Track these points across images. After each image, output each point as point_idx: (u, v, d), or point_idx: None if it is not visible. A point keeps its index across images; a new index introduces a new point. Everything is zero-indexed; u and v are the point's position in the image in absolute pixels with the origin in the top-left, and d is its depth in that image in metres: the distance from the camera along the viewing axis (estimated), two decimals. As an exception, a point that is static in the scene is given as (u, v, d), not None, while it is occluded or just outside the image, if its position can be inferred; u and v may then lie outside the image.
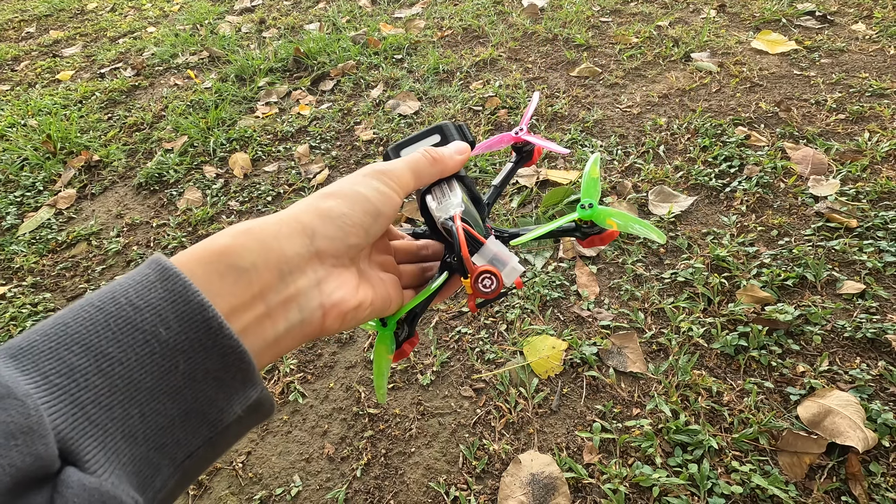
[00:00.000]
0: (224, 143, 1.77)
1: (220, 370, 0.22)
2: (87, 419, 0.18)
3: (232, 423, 0.23)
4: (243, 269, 0.24)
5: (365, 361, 1.05)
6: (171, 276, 0.22)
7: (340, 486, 0.87)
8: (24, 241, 1.51)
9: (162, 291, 0.21)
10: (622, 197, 1.28)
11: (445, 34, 2.18)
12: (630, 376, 0.94)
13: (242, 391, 0.23)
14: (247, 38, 2.53)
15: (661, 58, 1.77)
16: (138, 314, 0.20)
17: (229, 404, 0.23)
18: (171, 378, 0.21)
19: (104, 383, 0.19)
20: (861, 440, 0.77)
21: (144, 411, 0.20)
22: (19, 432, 0.16)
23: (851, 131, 1.33)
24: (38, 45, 2.94)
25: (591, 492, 0.80)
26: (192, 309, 0.21)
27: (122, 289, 0.21)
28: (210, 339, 0.21)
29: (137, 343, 0.20)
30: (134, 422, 0.20)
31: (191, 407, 0.21)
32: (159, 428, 0.20)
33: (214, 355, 0.22)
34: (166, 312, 0.21)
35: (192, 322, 0.21)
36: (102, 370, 0.19)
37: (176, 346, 0.21)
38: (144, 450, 0.20)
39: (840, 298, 0.98)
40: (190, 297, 0.21)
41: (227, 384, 0.22)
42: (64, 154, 1.85)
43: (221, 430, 0.23)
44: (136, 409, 0.20)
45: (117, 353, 0.20)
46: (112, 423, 0.19)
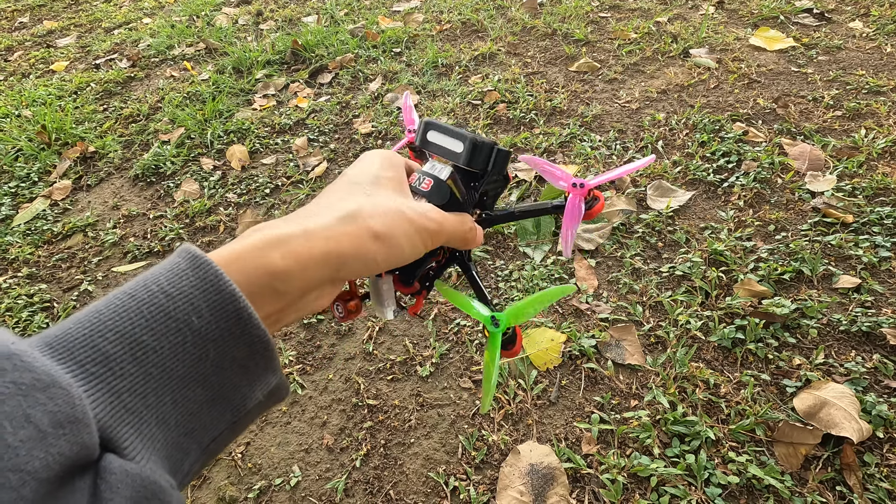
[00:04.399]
0: (221, 135, 1.76)
1: (247, 358, 0.22)
2: (124, 407, 0.19)
3: (253, 407, 0.24)
4: (281, 293, 0.25)
5: (364, 353, 1.05)
6: (203, 264, 0.22)
7: (340, 477, 0.87)
8: (19, 232, 1.50)
9: (194, 280, 0.21)
10: (621, 192, 1.29)
11: (444, 28, 2.17)
12: (628, 368, 0.94)
13: (265, 378, 0.24)
14: (244, 30, 2.51)
15: (659, 53, 1.78)
16: (171, 302, 0.21)
17: (252, 390, 0.23)
18: (201, 366, 0.21)
19: (139, 371, 0.19)
20: (856, 431, 0.78)
21: (176, 398, 0.20)
22: (66, 421, 0.17)
23: (848, 128, 1.34)
24: (31, 35, 2.91)
25: (590, 482, 0.81)
26: (224, 299, 0.21)
27: (153, 277, 0.21)
28: (239, 328, 0.22)
29: (171, 331, 0.20)
30: (166, 408, 0.20)
31: (217, 393, 0.22)
32: (189, 414, 0.21)
33: (242, 344, 0.22)
34: (198, 301, 0.21)
35: (223, 312, 0.21)
36: (137, 358, 0.19)
37: (207, 334, 0.21)
38: (176, 435, 0.21)
39: (836, 292, 0.99)
40: (222, 286, 0.22)
41: (252, 371, 0.23)
42: (59, 145, 1.83)
43: (244, 414, 0.23)
44: (169, 397, 0.20)
45: (151, 341, 0.20)
46: (147, 411, 0.19)
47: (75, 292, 1.30)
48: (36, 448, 0.16)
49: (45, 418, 0.16)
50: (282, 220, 0.27)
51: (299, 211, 0.28)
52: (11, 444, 0.15)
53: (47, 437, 0.16)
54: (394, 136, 1.63)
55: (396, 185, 0.31)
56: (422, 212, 0.30)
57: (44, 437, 0.16)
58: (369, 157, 0.33)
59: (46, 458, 0.16)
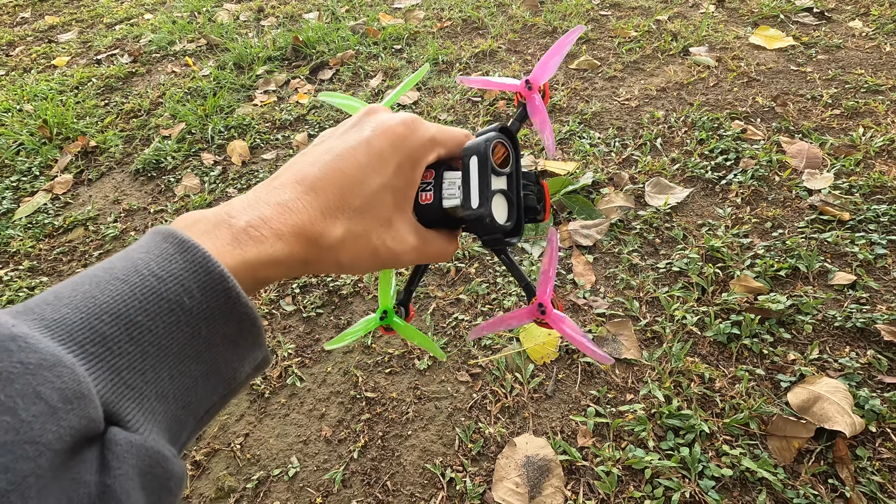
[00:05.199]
0: (222, 130, 1.77)
1: (236, 334, 0.23)
2: (124, 383, 0.20)
3: (242, 379, 0.25)
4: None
5: (362, 347, 1.06)
6: (191, 248, 0.23)
7: (338, 468, 0.88)
8: (20, 226, 1.51)
9: (183, 263, 0.22)
10: (619, 188, 1.29)
11: (445, 25, 2.18)
12: (624, 363, 0.95)
13: (252, 352, 0.25)
14: (245, 27, 2.51)
15: (659, 52, 1.78)
16: (162, 285, 0.21)
17: (241, 364, 0.24)
18: (194, 342, 0.22)
19: (136, 350, 0.20)
20: (849, 425, 0.79)
21: (173, 373, 0.21)
22: (74, 397, 0.17)
23: (846, 126, 1.35)
24: (33, 30, 2.91)
25: (585, 474, 0.82)
26: (214, 279, 0.22)
27: (143, 261, 0.22)
28: (228, 306, 0.23)
29: (163, 312, 0.21)
30: (164, 384, 0.21)
31: (210, 368, 0.23)
32: (185, 388, 0.22)
33: (232, 321, 0.23)
34: (189, 283, 0.22)
35: (213, 292, 0.22)
36: (133, 338, 0.20)
37: (199, 313, 0.22)
38: (174, 408, 0.22)
39: (831, 289, 1.00)
40: (210, 268, 0.22)
41: (241, 346, 0.24)
42: (60, 139, 1.84)
43: (234, 386, 0.25)
44: (166, 372, 0.21)
45: (146, 321, 0.21)
46: (146, 386, 0.20)
47: (76, 285, 1.31)
48: (48, 422, 0.17)
49: (55, 395, 0.17)
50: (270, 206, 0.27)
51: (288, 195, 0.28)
52: (25, 419, 0.16)
53: (58, 412, 0.17)
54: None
55: (396, 200, 0.30)
56: (396, 251, 0.30)
57: (54, 411, 0.17)
58: (395, 147, 0.30)
59: (58, 431, 0.17)
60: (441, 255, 0.34)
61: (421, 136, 0.31)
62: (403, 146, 0.30)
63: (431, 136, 0.31)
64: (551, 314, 0.34)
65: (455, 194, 0.32)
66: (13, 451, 0.16)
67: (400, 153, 0.30)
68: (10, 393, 0.16)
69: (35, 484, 0.16)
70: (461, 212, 0.32)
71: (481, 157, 0.32)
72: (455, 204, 0.32)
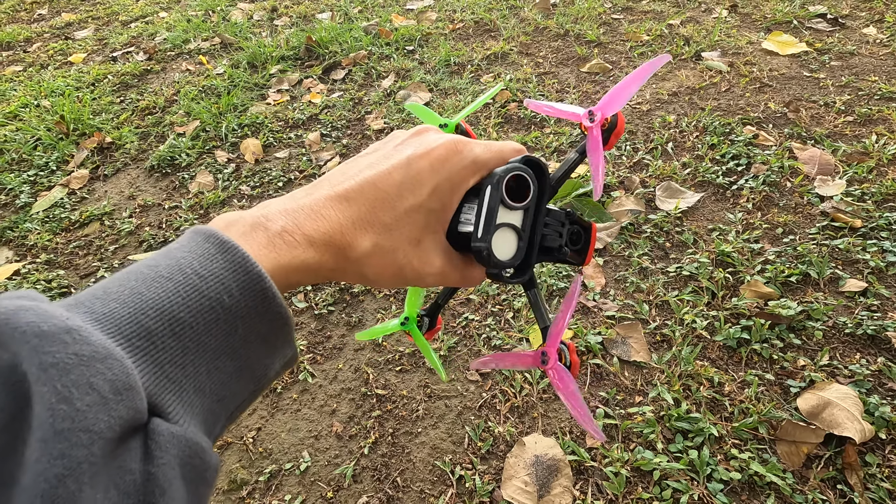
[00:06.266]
0: (236, 128, 1.79)
1: (269, 333, 0.25)
2: (166, 376, 0.21)
3: (272, 375, 0.26)
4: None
5: (373, 344, 1.07)
6: (231, 248, 0.24)
7: (348, 463, 0.89)
8: (37, 220, 1.54)
9: (223, 262, 0.23)
10: (630, 192, 1.30)
11: (457, 27, 2.19)
12: (633, 365, 0.96)
13: (283, 350, 0.26)
14: (259, 26, 2.54)
15: (671, 56, 1.78)
16: (204, 283, 0.23)
17: (272, 361, 0.26)
18: (231, 339, 0.23)
19: (178, 345, 0.21)
20: (858, 432, 0.79)
21: (210, 369, 0.22)
22: (123, 388, 0.19)
23: (859, 133, 1.34)
24: (50, 27, 2.95)
25: (593, 474, 0.82)
26: (252, 279, 0.24)
27: (186, 260, 0.23)
28: (265, 306, 0.24)
29: (205, 309, 0.22)
30: (202, 378, 0.22)
31: (244, 364, 0.24)
32: (220, 383, 0.23)
33: (266, 320, 0.24)
34: (229, 282, 0.23)
35: (251, 291, 0.23)
36: (176, 333, 0.21)
37: (237, 311, 0.23)
38: (210, 402, 0.23)
39: (842, 296, 1.00)
40: (249, 268, 0.24)
41: (272, 344, 0.25)
42: (77, 135, 1.87)
43: (264, 382, 0.26)
44: (204, 367, 0.22)
45: (188, 317, 0.22)
46: (186, 380, 0.22)
47: (92, 279, 1.33)
48: (100, 412, 0.18)
49: (106, 385, 0.18)
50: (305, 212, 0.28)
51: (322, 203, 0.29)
52: (80, 408, 0.17)
53: (109, 403, 0.18)
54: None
55: (429, 221, 0.30)
56: (421, 272, 0.31)
57: (106, 402, 0.18)
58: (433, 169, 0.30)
59: (109, 421, 0.18)
60: (466, 281, 0.33)
61: (462, 160, 0.30)
62: (443, 169, 0.30)
63: (474, 159, 0.31)
64: (553, 365, 0.31)
65: (471, 220, 0.30)
66: (69, 438, 0.16)
67: (438, 176, 0.30)
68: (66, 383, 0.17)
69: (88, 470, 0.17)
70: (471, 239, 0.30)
71: (494, 187, 0.30)
72: (469, 230, 0.30)
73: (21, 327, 0.18)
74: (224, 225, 0.26)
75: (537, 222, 0.32)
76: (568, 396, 0.31)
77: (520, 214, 0.31)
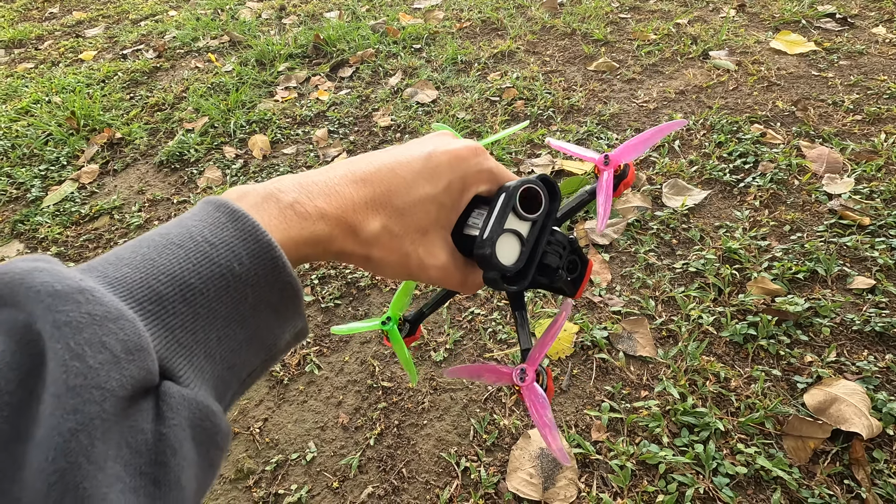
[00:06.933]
0: (244, 125, 1.80)
1: (279, 302, 0.25)
2: (177, 341, 0.21)
3: (283, 346, 0.26)
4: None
5: (379, 337, 1.08)
6: (241, 217, 0.24)
7: (354, 454, 0.90)
8: (48, 213, 1.55)
9: (234, 231, 0.24)
10: (636, 189, 1.30)
11: (464, 25, 2.20)
12: (639, 360, 0.96)
13: (293, 321, 0.26)
14: (267, 24, 2.56)
15: (678, 55, 1.78)
16: (214, 250, 0.23)
17: (283, 331, 0.26)
18: (241, 307, 0.23)
19: (188, 310, 0.22)
20: (866, 427, 0.79)
21: (220, 335, 0.23)
22: (135, 349, 0.19)
23: (868, 132, 1.34)
24: (61, 25, 2.99)
25: (599, 467, 0.82)
26: (262, 248, 0.24)
27: (196, 228, 0.24)
28: (274, 275, 0.24)
29: (215, 276, 0.22)
30: (212, 344, 0.22)
31: (254, 333, 0.24)
32: (231, 350, 0.23)
33: (276, 290, 0.24)
34: (239, 250, 0.23)
35: (261, 259, 0.24)
36: (186, 299, 0.22)
37: (247, 279, 0.23)
38: (220, 369, 0.23)
39: (850, 293, 0.99)
40: (259, 237, 0.24)
41: (283, 314, 0.25)
42: (87, 131, 1.89)
43: (275, 352, 0.26)
44: (214, 334, 0.22)
45: (198, 283, 0.22)
46: (196, 345, 0.22)
47: (101, 271, 1.34)
48: (112, 370, 0.18)
49: (118, 345, 0.18)
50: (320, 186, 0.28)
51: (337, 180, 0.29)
52: (92, 365, 0.17)
53: (121, 362, 0.18)
54: (413, 130, 1.66)
55: (439, 215, 0.31)
56: (426, 264, 0.31)
57: (118, 360, 0.18)
58: (451, 166, 0.31)
59: (121, 380, 0.18)
60: (465, 285, 0.34)
61: (479, 164, 0.32)
62: (460, 167, 0.31)
63: (489, 169, 0.32)
64: (529, 385, 0.32)
65: (477, 225, 0.32)
66: (81, 394, 0.17)
67: (454, 173, 0.31)
68: (78, 341, 0.17)
69: (100, 426, 0.17)
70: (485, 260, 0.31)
71: (508, 195, 0.31)
72: (474, 234, 0.32)
73: (35, 287, 0.18)
74: (236, 196, 0.27)
75: (541, 237, 0.33)
76: (539, 416, 0.32)
77: (527, 226, 0.32)
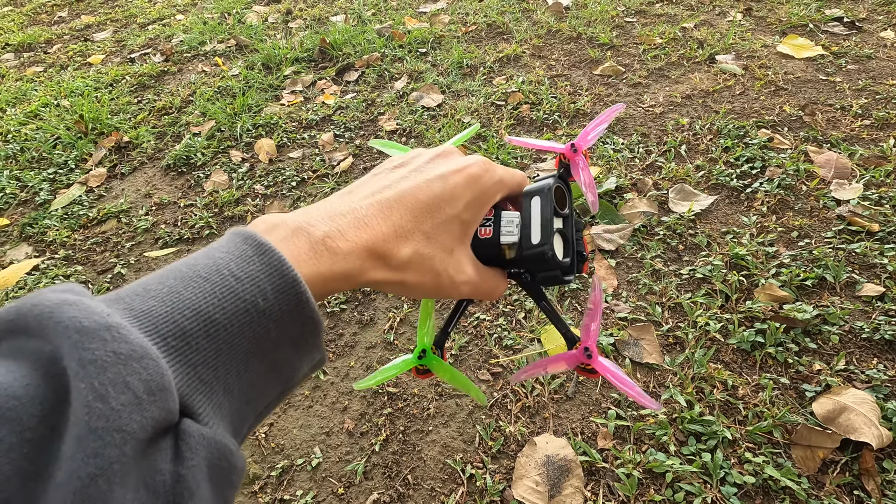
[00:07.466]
0: (250, 128, 1.81)
1: (299, 336, 0.25)
2: (198, 377, 0.21)
3: (300, 377, 0.26)
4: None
5: (384, 343, 1.08)
6: (268, 251, 0.24)
7: (359, 460, 0.90)
8: (56, 216, 1.57)
9: (260, 265, 0.24)
10: (642, 194, 1.29)
11: (469, 29, 2.20)
12: (646, 367, 0.95)
13: (311, 354, 0.26)
14: (273, 28, 2.57)
15: (685, 59, 1.78)
16: (240, 284, 0.23)
17: (300, 364, 0.26)
18: (262, 342, 0.23)
19: (211, 346, 0.22)
20: (876, 437, 0.78)
21: (240, 370, 0.23)
22: (157, 389, 0.19)
23: (876, 137, 1.33)
24: (69, 29, 3.01)
25: (605, 475, 0.82)
26: (287, 283, 0.24)
27: (223, 261, 0.24)
28: (298, 310, 0.24)
29: (239, 311, 0.22)
30: (232, 379, 0.22)
31: (273, 366, 0.24)
32: (250, 384, 0.23)
33: (297, 324, 0.24)
34: (265, 284, 0.23)
35: (286, 295, 0.24)
36: (210, 334, 0.22)
37: (270, 315, 0.23)
38: (238, 403, 0.23)
39: (859, 300, 0.99)
40: (285, 272, 0.24)
41: (302, 348, 0.25)
42: (95, 134, 1.90)
43: (292, 384, 0.26)
44: (234, 369, 0.22)
45: (222, 319, 0.22)
46: (216, 381, 0.22)
47: (109, 275, 1.35)
48: (134, 412, 0.18)
49: (141, 385, 0.18)
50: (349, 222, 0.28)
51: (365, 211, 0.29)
52: (115, 407, 0.17)
53: (142, 403, 0.18)
54: (418, 134, 1.66)
55: (463, 231, 0.32)
56: (456, 280, 0.32)
57: (140, 402, 0.18)
58: (468, 185, 0.32)
59: (142, 421, 0.18)
60: (493, 291, 0.35)
61: (492, 178, 0.33)
62: (476, 185, 0.32)
63: (500, 178, 0.34)
64: (597, 359, 0.34)
65: (513, 232, 0.34)
66: (103, 437, 0.17)
67: (472, 190, 0.32)
68: (103, 381, 0.17)
69: (119, 470, 0.17)
70: (515, 251, 0.33)
71: (545, 197, 0.34)
72: (513, 241, 0.33)
73: (64, 321, 0.18)
74: (265, 228, 0.27)
75: (574, 227, 0.36)
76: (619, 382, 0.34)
77: (561, 221, 0.35)
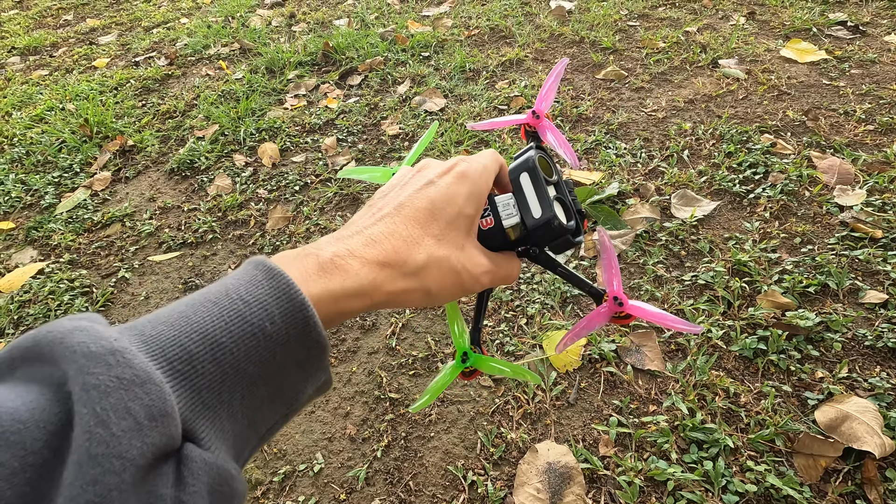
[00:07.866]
0: (254, 132, 1.82)
1: (304, 359, 0.25)
2: (202, 402, 0.21)
3: (304, 399, 0.26)
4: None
5: (387, 348, 1.08)
6: (277, 275, 0.24)
7: (361, 466, 0.90)
8: (61, 220, 1.58)
9: (269, 289, 0.24)
10: (645, 199, 1.29)
11: (472, 33, 2.20)
12: (647, 374, 0.95)
13: (316, 376, 0.26)
14: (277, 32, 2.58)
15: (688, 63, 1.78)
16: (247, 308, 0.23)
17: (305, 386, 0.26)
18: (268, 366, 0.23)
19: (216, 370, 0.22)
20: (878, 446, 0.78)
21: (244, 394, 0.23)
22: (159, 415, 0.19)
23: (880, 142, 1.33)
24: (75, 32, 3.03)
25: (606, 483, 0.82)
26: (295, 307, 0.24)
27: (233, 286, 0.24)
28: (305, 333, 0.24)
29: (246, 335, 0.23)
30: (236, 404, 0.22)
31: (277, 389, 0.24)
32: (253, 408, 0.23)
33: (303, 347, 0.24)
34: (272, 308, 0.23)
35: (293, 318, 0.24)
36: (216, 358, 0.22)
37: (277, 339, 0.23)
38: (241, 427, 0.23)
39: (862, 307, 0.98)
40: (293, 296, 0.24)
41: (307, 370, 0.25)
42: (100, 138, 1.91)
43: (296, 406, 0.26)
44: (238, 393, 0.23)
45: (229, 342, 0.22)
46: (220, 406, 0.22)
47: (113, 279, 1.36)
48: (135, 438, 0.18)
49: (143, 411, 0.18)
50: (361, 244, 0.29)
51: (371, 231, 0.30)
52: (115, 433, 0.17)
53: (143, 429, 0.18)
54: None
55: (468, 226, 0.33)
56: (475, 273, 0.32)
57: (140, 428, 0.18)
58: (460, 181, 0.33)
59: (142, 448, 0.18)
60: (510, 275, 0.35)
61: (477, 168, 0.34)
62: (467, 179, 0.33)
63: (483, 166, 0.34)
64: (628, 304, 0.35)
65: (512, 213, 0.34)
66: (102, 464, 0.17)
67: (465, 186, 0.32)
68: (104, 406, 0.18)
69: (118, 498, 0.17)
70: (520, 231, 0.34)
71: (531, 171, 0.34)
72: (515, 222, 0.34)
73: (73, 346, 0.19)
74: (277, 256, 0.27)
75: (567, 190, 0.37)
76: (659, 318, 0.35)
77: (554, 189, 0.36)
